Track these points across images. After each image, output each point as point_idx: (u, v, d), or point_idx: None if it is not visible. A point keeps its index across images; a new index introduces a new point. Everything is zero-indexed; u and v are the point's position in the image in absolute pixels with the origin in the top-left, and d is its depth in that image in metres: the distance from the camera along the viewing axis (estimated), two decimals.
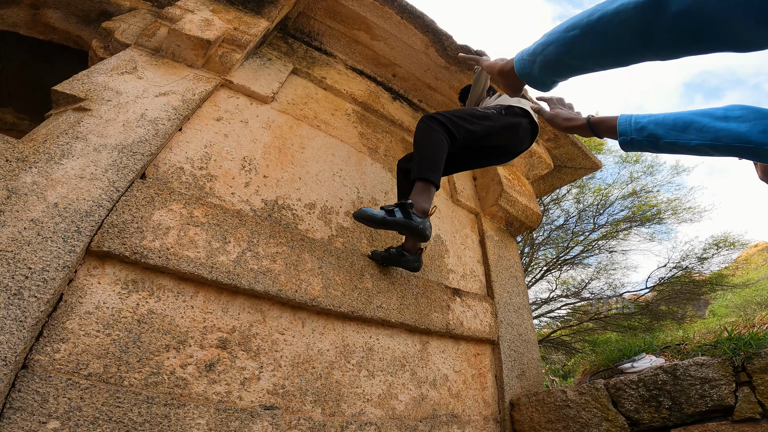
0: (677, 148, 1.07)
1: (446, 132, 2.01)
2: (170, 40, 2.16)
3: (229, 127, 2.18)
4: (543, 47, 1.04)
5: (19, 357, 1.14)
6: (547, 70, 1.07)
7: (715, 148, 1.00)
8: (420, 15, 2.91)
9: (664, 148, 1.10)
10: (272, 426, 1.55)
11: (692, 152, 1.06)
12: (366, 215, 1.70)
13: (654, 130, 1.09)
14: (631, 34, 0.83)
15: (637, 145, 1.16)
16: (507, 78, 1.29)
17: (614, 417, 2.01)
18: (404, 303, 2.24)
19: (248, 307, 1.74)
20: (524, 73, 1.14)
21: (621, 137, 1.17)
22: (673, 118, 1.08)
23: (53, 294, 1.26)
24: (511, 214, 3.37)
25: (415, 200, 1.83)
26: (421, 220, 1.77)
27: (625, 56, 0.90)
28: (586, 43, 0.92)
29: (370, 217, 1.67)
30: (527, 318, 3.07)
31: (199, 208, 1.74)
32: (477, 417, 2.31)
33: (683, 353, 2.51)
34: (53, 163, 1.47)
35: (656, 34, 0.80)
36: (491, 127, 2.20)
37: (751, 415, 1.70)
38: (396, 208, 1.76)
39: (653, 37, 0.81)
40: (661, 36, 0.80)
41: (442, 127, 2.02)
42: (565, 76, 1.07)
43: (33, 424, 1.14)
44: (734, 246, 8.85)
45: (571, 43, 0.95)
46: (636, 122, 1.14)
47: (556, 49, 1.00)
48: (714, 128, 1.00)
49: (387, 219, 1.69)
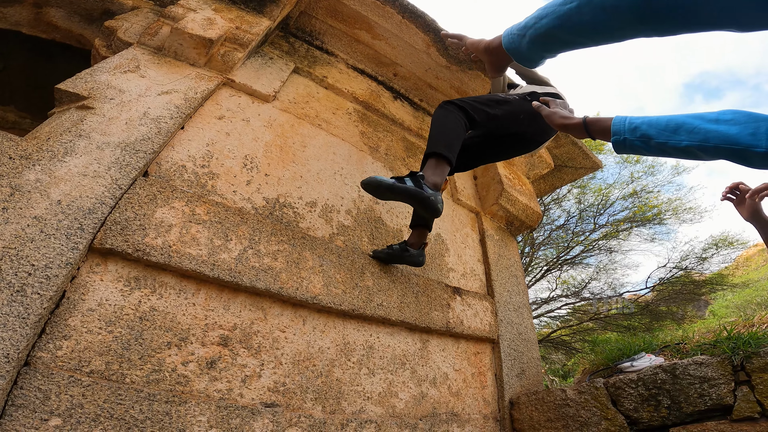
0: (668, 148, 1.07)
1: (464, 114, 1.92)
2: (173, 38, 2.16)
3: (231, 125, 2.18)
4: (536, 20, 1.01)
5: (21, 354, 1.15)
6: (538, 45, 1.05)
7: (704, 150, 1.01)
8: (421, 14, 2.92)
9: (655, 149, 1.10)
10: (273, 423, 1.56)
11: (682, 154, 1.06)
12: (374, 181, 1.59)
13: (646, 131, 1.10)
14: (629, 8, 0.82)
15: (629, 145, 1.16)
16: (492, 55, 1.28)
17: (613, 416, 2.01)
18: (405, 301, 2.24)
19: (249, 304, 1.74)
20: (512, 48, 1.12)
21: (614, 137, 1.18)
22: (666, 119, 1.09)
23: (56, 291, 1.27)
24: (512, 214, 3.38)
25: (427, 173, 1.72)
26: (433, 192, 1.65)
27: (621, 31, 0.88)
28: (582, 15, 0.89)
29: (377, 184, 1.58)
30: (527, 317, 3.08)
31: (201, 205, 1.75)
32: (477, 415, 2.32)
33: (683, 352, 2.51)
34: (56, 160, 1.48)
35: (656, 9, 0.79)
36: (512, 112, 2.09)
37: (750, 414, 1.70)
38: (406, 177, 1.67)
39: (652, 12, 0.80)
40: (661, 11, 0.79)
41: (460, 110, 1.93)
42: (555, 52, 1.06)
43: (35, 421, 1.14)
44: (733, 246, 8.85)
45: (567, 16, 0.92)
46: (630, 123, 1.15)
47: (549, 22, 0.97)
48: (704, 130, 1.01)
49: (396, 186, 1.58)
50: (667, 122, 1.08)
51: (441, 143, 1.80)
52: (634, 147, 1.15)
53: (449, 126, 1.86)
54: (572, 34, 0.95)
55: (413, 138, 3.33)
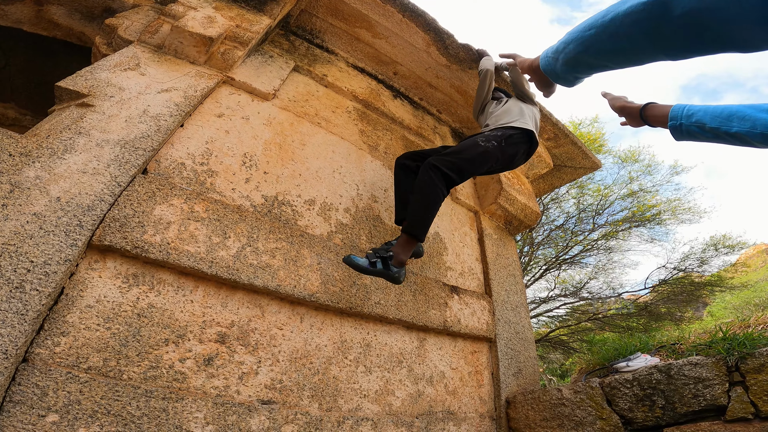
0: (720, 133, 1.16)
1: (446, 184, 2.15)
2: (173, 37, 2.17)
3: (231, 123, 2.19)
4: (564, 45, 1.11)
5: (20, 350, 1.16)
6: (569, 68, 1.14)
7: (752, 135, 1.09)
8: (421, 14, 2.92)
9: (709, 133, 1.19)
10: (269, 420, 1.57)
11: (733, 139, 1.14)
12: (352, 263, 1.86)
13: (701, 117, 1.19)
14: (641, 34, 0.89)
15: (685, 130, 1.25)
16: (535, 74, 1.38)
17: (608, 416, 2.02)
18: (402, 300, 2.25)
19: (247, 302, 1.75)
20: (549, 69, 1.21)
21: (671, 122, 1.27)
22: (722, 108, 1.18)
23: (55, 287, 1.28)
24: (510, 213, 3.39)
25: (396, 252, 1.99)
26: (397, 270, 1.96)
27: (638, 55, 0.95)
28: (602, 42, 0.98)
29: (355, 265, 1.84)
30: (525, 316, 3.09)
31: (199, 203, 1.76)
32: (473, 414, 2.33)
33: (678, 353, 2.52)
34: (56, 157, 1.49)
35: (664, 34, 0.85)
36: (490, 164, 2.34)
37: (743, 415, 1.72)
38: (378, 259, 1.94)
39: (661, 37, 0.86)
40: (669, 37, 0.85)
41: (446, 185, 2.14)
42: (586, 73, 1.14)
43: (32, 417, 1.16)
44: (733, 248, 8.85)
45: (589, 42, 1.01)
46: (688, 110, 1.24)
47: (575, 48, 1.06)
48: (753, 117, 1.09)
49: (368, 269, 1.87)
50: (721, 110, 1.16)
51: (419, 226, 2.04)
52: (690, 132, 1.24)
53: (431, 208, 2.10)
54: (596, 58, 1.04)
55: (412, 137, 3.34)
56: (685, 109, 1.24)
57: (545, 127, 3.61)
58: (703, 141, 1.24)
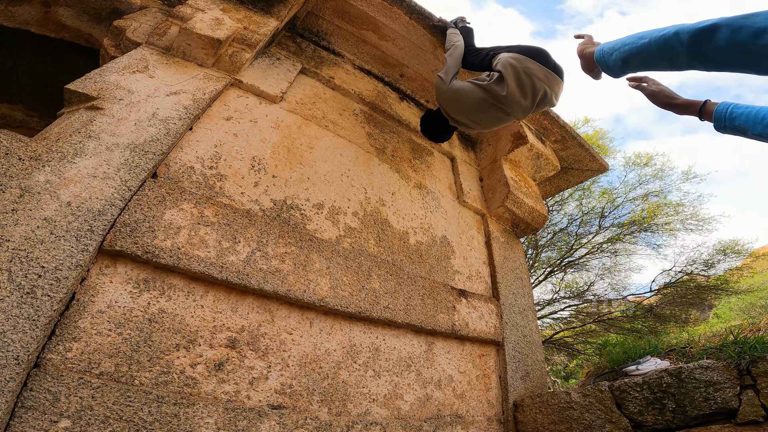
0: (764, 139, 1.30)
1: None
2: (181, 39, 2.16)
3: (239, 126, 2.19)
4: (621, 46, 1.42)
5: (31, 356, 1.16)
6: (620, 63, 1.44)
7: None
8: (428, 15, 2.91)
9: (752, 138, 1.34)
10: (279, 425, 1.56)
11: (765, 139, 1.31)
12: None
13: (743, 123, 1.33)
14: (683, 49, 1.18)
15: (729, 132, 1.40)
16: (585, 60, 1.65)
17: (618, 419, 2.01)
18: (411, 304, 2.25)
19: (257, 306, 1.75)
20: (601, 61, 1.53)
21: (715, 123, 1.43)
22: (758, 109, 1.32)
23: (66, 293, 1.27)
24: (518, 216, 3.37)
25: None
26: None
27: (679, 64, 1.24)
28: (651, 50, 1.29)
29: None
30: (532, 319, 3.08)
31: (209, 207, 1.75)
32: (481, 418, 2.32)
33: (688, 356, 2.51)
34: (66, 161, 1.48)
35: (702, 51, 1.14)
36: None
37: (755, 418, 1.71)
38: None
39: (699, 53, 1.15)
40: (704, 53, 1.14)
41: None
42: (633, 70, 1.44)
43: (44, 423, 1.15)
44: (741, 254, 8.79)
45: (642, 47, 1.32)
46: (731, 113, 1.38)
47: (630, 50, 1.38)
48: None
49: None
50: (757, 111, 1.31)
51: None
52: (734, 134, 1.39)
53: None
54: (644, 61, 1.35)
55: (419, 140, 3.33)
56: (728, 112, 1.38)
57: (552, 130, 3.59)
58: (743, 137, 1.38)
